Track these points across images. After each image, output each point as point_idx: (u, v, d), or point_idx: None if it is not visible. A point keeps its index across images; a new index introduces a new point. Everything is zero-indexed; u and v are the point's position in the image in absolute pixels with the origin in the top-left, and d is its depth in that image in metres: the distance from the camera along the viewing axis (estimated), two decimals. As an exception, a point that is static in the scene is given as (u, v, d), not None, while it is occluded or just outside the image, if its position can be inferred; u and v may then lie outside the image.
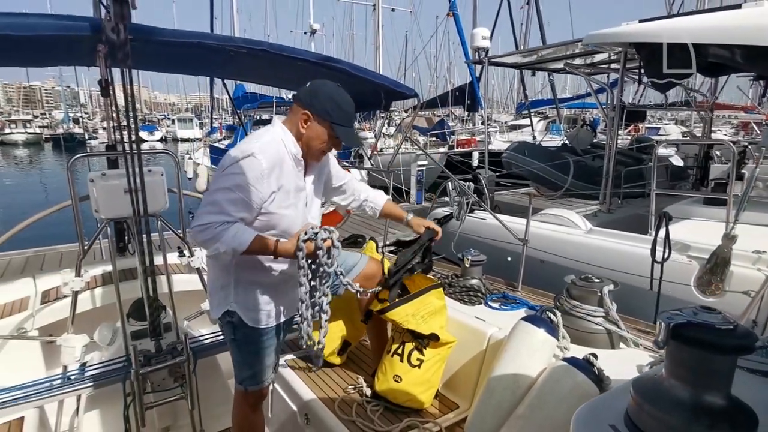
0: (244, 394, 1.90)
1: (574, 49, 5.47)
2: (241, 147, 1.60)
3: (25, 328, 2.79)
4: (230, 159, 1.57)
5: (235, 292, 1.71)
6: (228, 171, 1.55)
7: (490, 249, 3.92)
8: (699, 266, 2.86)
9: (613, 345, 1.93)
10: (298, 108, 1.67)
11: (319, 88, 1.67)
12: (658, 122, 26.16)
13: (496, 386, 1.66)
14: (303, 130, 1.66)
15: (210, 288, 1.83)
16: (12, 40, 2.00)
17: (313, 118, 1.64)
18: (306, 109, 1.65)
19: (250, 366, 1.83)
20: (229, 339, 1.82)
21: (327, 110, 1.65)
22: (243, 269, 1.69)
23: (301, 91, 1.69)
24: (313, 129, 1.66)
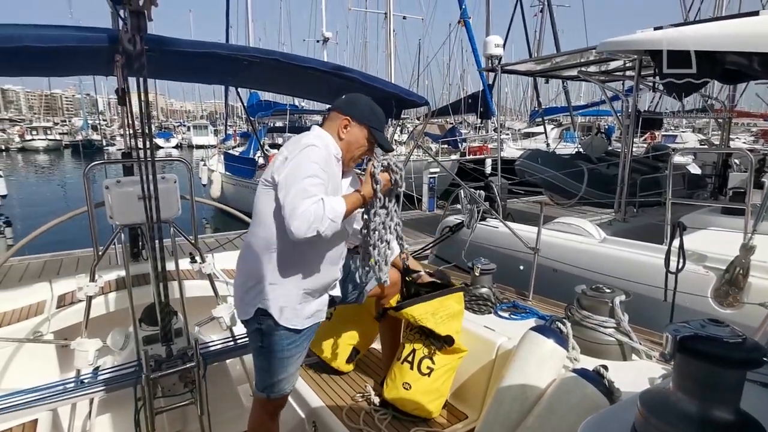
0: (266, 402, 1.88)
1: (589, 57, 5.44)
2: (301, 141, 1.67)
3: (41, 331, 2.85)
4: (296, 151, 1.62)
5: (270, 289, 1.70)
6: (300, 160, 1.60)
7: (502, 257, 3.89)
8: (716, 277, 2.80)
9: (624, 356, 1.90)
10: (337, 115, 1.78)
11: (357, 98, 1.84)
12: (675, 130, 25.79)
13: (505, 397, 1.64)
14: (343, 135, 1.76)
15: (240, 289, 1.79)
16: (34, 51, 2.06)
17: (353, 124, 1.76)
18: (346, 116, 1.76)
19: (275, 374, 1.82)
20: (256, 347, 1.80)
21: (366, 116, 1.77)
22: (277, 270, 1.69)
23: (339, 101, 1.83)
24: (353, 134, 1.77)
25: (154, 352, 2.35)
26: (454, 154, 15.30)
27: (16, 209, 14.73)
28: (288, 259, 1.69)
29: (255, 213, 1.73)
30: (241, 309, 1.80)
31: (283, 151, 1.68)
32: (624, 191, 4.84)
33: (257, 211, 1.72)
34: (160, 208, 2.06)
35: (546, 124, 16.47)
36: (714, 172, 6.41)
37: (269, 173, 1.67)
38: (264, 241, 1.69)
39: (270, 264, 1.69)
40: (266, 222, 1.68)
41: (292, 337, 1.77)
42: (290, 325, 1.74)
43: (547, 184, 7.43)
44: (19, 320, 2.85)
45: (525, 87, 35.17)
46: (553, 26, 15.95)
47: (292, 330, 1.75)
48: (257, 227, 1.72)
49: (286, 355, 1.79)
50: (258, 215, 1.72)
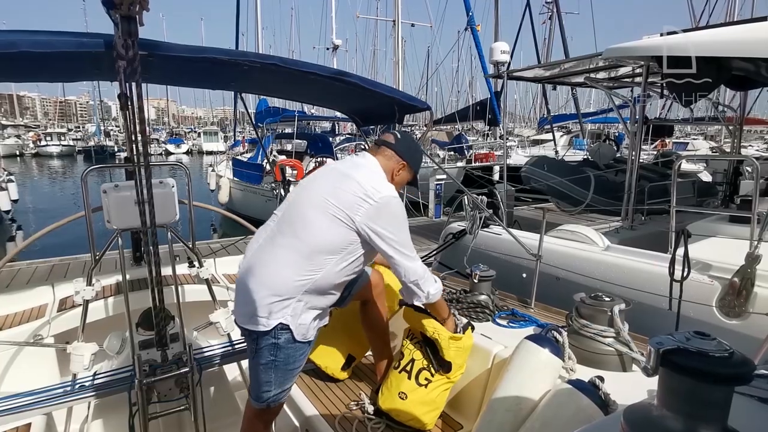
0: (264, 412, 1.88)
1: (596, 63, 5.39)
2: (382, 186, 1.75)
3: (41, 334, 2.86)
4: (384, 201, 1.71)
5: (294, 307, 1.70)
6: (403, 214, 1.77)
7: (505, 265, 3.84)
8: (721, 286, 2.73)
9: (624, 367, 1.84)
10: (395, 156, 1.88)
11: (414, 144, 1.96)
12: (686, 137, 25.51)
13: (498, 407, 1.60)
14: (396, 176, 1.89)
15: (257, 300, 1.71)
16: (31, 57, 2.07)
17: (406, 169, 1.90)
18: (405, 161, 1.89)
19: (281, 384, 1.82)
20: (267, 360, 1.75)
21: (417, 162, 1.94)
22: (311, 293, 1.71)
23: (400, 144, 1.90)
24: (403, 177, 1.91)
25: (150, 357, 2.35)
26: (460, 161, 15.26)
27: (28, 213, 14.98)
28: (327, 284, 1.73)
29: (312, 234, 1.68)
30: (251, 320, 1.71)
31: (357, 190, 1.69)
32: (632, 198, 4.77)
33: (320, 234, 1.68)
34: (155, 213, 2.06)
35: (555, 131, 16.36)
36: (725, 179, 6.30)
37: (344, 204, 1.68)
38: (312, 262, 1.67)
39: (308, 285, 1.69)
40: (329, 249, 1.69)
41: (303, 348, 1.79)
42: (305, 339, 1.76)
43: (553, 191, 7.37)
44: (20, 323, 2.87)
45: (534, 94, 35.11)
46: (562, 33, 15.90)
47: (307, 342, 1.78)
48: (311, 249, 1.68)
49: (297, 366, 1.81)
50: (320, 240, 1.68)
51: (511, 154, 15.73)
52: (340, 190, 1.69)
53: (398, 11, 17.76)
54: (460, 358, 1.99)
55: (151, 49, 2.24)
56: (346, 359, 2.40)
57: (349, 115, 4.47)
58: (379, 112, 3.99)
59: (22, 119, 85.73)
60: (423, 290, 1.80)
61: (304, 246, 1.67)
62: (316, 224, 1.68)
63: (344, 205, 1.67)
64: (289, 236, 1.71)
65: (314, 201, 1.72)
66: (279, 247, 1.72)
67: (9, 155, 36.81)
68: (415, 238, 7.82)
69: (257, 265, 1.75)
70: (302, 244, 1.68)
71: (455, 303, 2.58)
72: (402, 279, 1.80)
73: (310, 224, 1.68)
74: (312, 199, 1.73)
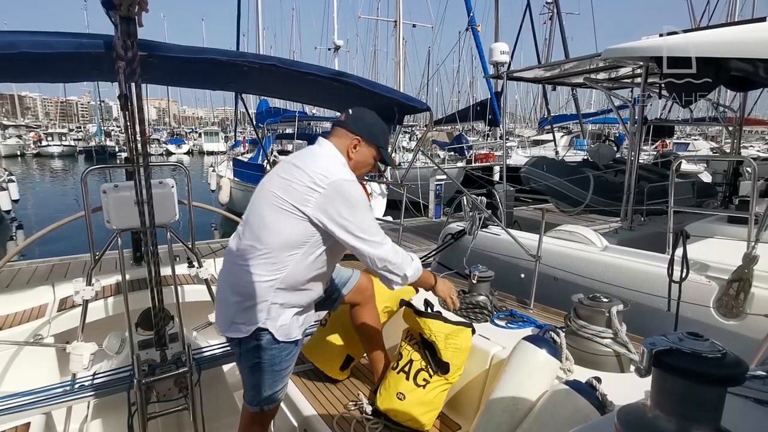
0: (260, 415, 1.85)
1: (596, 64, 5.39)
2: (332, 171, 1.63)
3: (41, 334, 2.86)
4: (334, 186, 1.60)
5: (269, 309, 1.66)
6: (357, 195, 1.63)
7: (504, 265, 3.84)
8: (718, 287, 2.73)
9: (622, 368, 1.85)
10: (347, 133, 1.76)
11: (367, 116, 1.81)
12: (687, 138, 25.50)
13: (496, 408, 1.60)
14: (352, 154, 1.75)
15: (232, 307, 1.70)
16: (31, 57, 2.08)
17: (363, 144, 1.76)
18: (357, 135, 1.75)
19: (271, 387, 1.79)
20: (252, 363, 1.73)
21: (375, 135, 1.78)
22: (283, 290, 1.67)
23: (349, 119, 1.79)
24: (362, 153, 1.77)
25: (149, 357, 2.35)
26: (460, 161, 15.27)
27: (28, 213, 15.00)
28: (297, 280, 1.67)
29: (269, 232, 1.63)
30: (231, 327, 1.70)
31: (304, 180, 1.60)
32: (630, 199, 4.77)
33: (275, 233, 1.62)
34: (155, 213, 2.06)
35: (555, 131, 16.36)
36: (724, 180, 6.30)
37: (292, 197, 1.60)
38: (275, 262, 1.62)
39: (276, 284, 1.64)
40: (289, 246, 1.62)
41: (289, 348, 1.75)
42: (289, 338, 1.72)
43: (552, 192, 7.37)
44: (20, 323, 2.87)
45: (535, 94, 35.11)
46: (563, 33, 15.90)
47: (291, 342, 1.74)
48: (270, 248, 1.62)
49: (284, 366, 1.77)
50: (272, 237, 1.62)
51: (511, 155, 15.74)
52: (289, 184, 1.62)
53: (400, 12, 17.79)
54: (458, 359, 1.99)
55: (150, 49, 2.25)
56: (345, 359, 2.40)
57: (348, 116, 4.48)
58: (378, 112, 4.00)
59: (23, 119, 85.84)
60: (398, 273, 1.70)
61: (264, 246, 1.63)
62: (272, 223, 1.63)
63: (293, 198, 1.59)
64: (250, 238, 1.67)
65: (268, 199, 1.65)
66: (243, 251, 1.68)
67: (10, 155, 36.88)
68: (414, 238, 7.86)
69: (227, 271, 1.76)
70: (262, 245, 1.63)
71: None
72: (372, 268, 1.69)
73: (266, 224, 1.64)
74: (266, 198, 1.67)
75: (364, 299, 2.23)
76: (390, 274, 1.69)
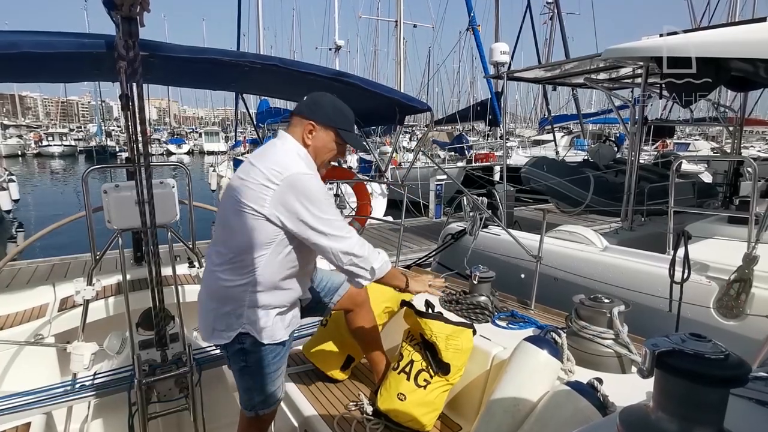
0: (257, 419, 1.82)
1: (597, 64, 5.39)
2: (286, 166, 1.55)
3: (42, 334, 2.86)
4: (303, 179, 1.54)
5: (247, 314, 1.63)
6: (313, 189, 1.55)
7: (504, 265, 3.84)
8: (719, 287, 2.73)
9: (623, 369, 1.84)
10: (300, 120, 1.68)
11: (319, 98, 1.71)
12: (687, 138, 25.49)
13: (496, 409, 1.60)
14: (308, 141, 1.66)
15: (211, 314, 1.69)
16: (33, 57, 2.09)
17: (318, 127, 1.66)
18: (310, 120, 1.66)
19: (263, 390, 1.76)
20: (240, 367, 1.72)
21: (330, 116, 1.67)
22: (258, 293, 1.63)
23: (301, 104, 1.72)
24: (319, 138, 1.67)
25: (150, 357, 2.35)
26: (460, 161, 15.27)
27: (29, 213, 15.00)
28: (270, 281, 1.63)
29: (233, 236, 1.60)
30: (213, 334, 1.68)
31: (259, 178, 1.53)
32: (631, 199, 4.76)
33: (234, 236, 1.59)
34: (156, 213, 2.06)
35: (556, 131, 16.35)
36: (725, 180, 6.30)
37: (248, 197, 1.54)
38: (243, 265, 1.59)
39: (250, 287, 1.61)
40: (254, 247, 1.57)
41: (276, 350, 1.72)
42: (274, 340, 1.68)
43: (552, 192, 7.36)
44: (21, 323, 2.87)
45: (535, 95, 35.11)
46: (563, 34, 15.89)
47: (277, 344, 1.71)
48: (236, 252, 1.59)
49: (273, 369, 1.74)
50: (235, 240, 1.59)
51: (511, 155, 15.73)
52: (245, 184, 1.55)
53: (400, 12, 17.79)
54: (458, 360, 1.99)
55: (152, 50, 2.26)
56: (345, 360, 2.40)
57: (349, 116, 4.49)
58: (379, 113, 4.01)
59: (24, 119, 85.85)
60: (365, 267, 1.62)
61: (229, 251, 1.60)
62: (234, 227, 1.58)
63: (250, 199, 1.53)
64: (218, 243, 1.66)
65: (229, 203, 1.59)
66: (213, 256, 1.67)
67: (11, 155, 36.88)
68: (414, 238, 7.85)
69: (204, 277, 1.74)
70: (228, 249, 1.61)
71: (455, 304, 2.58)
72: (337, 265, 1.62)
73: (230, 228, 1.60)
74: (228, 201, 1.61)
75: (357, 304, 2.18)
76: (356, 268, 1.62)
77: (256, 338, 1.65)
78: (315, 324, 2.83)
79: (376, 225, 8.70)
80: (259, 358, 1.69)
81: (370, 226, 8.46)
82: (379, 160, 7.43)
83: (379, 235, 8.30)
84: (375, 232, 8.42)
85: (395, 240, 7.83)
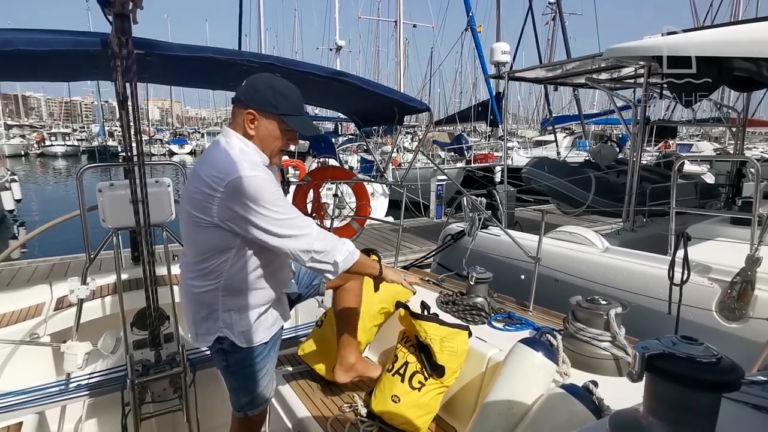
0: (246, 420, 1.81)
1: (598, 64, 5.36)
2: (228, 170, 1.44)
3: (37, 333, 2.85)
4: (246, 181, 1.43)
5: (223, 318, 1.61)
6: (259, 190, 1.44)
7: (503, 266, 3.82)
8: (721, 289, 2.70)
9: (619, 372, 1.82)
10: (239, 110, 1.54)
11: (255, 82, 1.54)
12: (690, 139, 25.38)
13: (490, 412, 1.58)
14: (251, 131, 1.53)
15: (192, 320, 1.68)
16: (27, 55, 2.07)
17: (258, 116, 1.52)
18: (249, 108, 1.51)
19: (249, 391, 1.74)
20: (222, 367, 1.71)
21: (270, 102, 1.51)
22: (230, 296, 1.60)
23: (239, 91, 1.55)
24: (262, 127, 1.53)
25: (144, 357, 2.34)
26: (460, 161, 15.25)
27: (31, 213, 15.04)
28: (240, 283, 1.59)
29: (193, 245, 1.58)
30: (198, 338, 1.68)
31: (201, 186, 1.45)
32: (632, 200, 4.73)
33: (195, 244, 1.57)
34: (150, 212, 2.05)
35: (557, 132, 16.31)
36: (727, 181, 6.26)
37: (196, 207, 1.48)
38: (209, 271, 1.56)
39: (220, 292, 1.58)
40: (214, 253, 1.53)
41: (258, 350, 1.69)
42: (252, 343, 1.65)
43: (553, 193, 7.34)
44: (17, 322, 2.86)
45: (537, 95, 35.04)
46: (564, 34, 15.86)
47: (260, 345, 1.68)
48: (199, 258, 1.56)
49: (257, 369, 1.70)
50: (197, 248, 1.56)
51: (511, 155, 15.69)
52: (192, 195, 1.49)
53: (400, 12, 17.78)
54: (453, 363, 1.97)
55: (147, 48, 2.24)
56: (340, 361, 2.38)
57: (349, 116, 4.48)
58: (378, 113, 3.99)
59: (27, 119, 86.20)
60: (328, 261, 1.53)
61: (194, 258, 1.58)
62: (192, 236, 1.55)
63: (198, 209, 1.47)
64: (185, 253, 1.65)
65: (183, 213, 1.56)
66: (183, 264, 1.67)
67: (14, 155, 37.02)
68: (414, 238, 7.84)
69: (180, 284, 1.73)
70: (192, 258, 1.58)
71: (451, 305, 2.56)
72: (300, 264, 1.55)
73: (189, 237, 1.57)
74: (182, 212, 1.57)
75: (349, 279, 2.10)
76: (319, 264, 1.53)
77: (234, 342, 1.62)
78: (310, 325, 2.81)
79: (375, 225, 8.69)
80: (241, 359, 1.67)
81: (370, 226, 8.45)
82: (379, 160, 7.42)
83: (379, 235, 8.28)
84: (375, 233, 8.41)
85: (395, 240, 7.82)
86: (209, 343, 1.66)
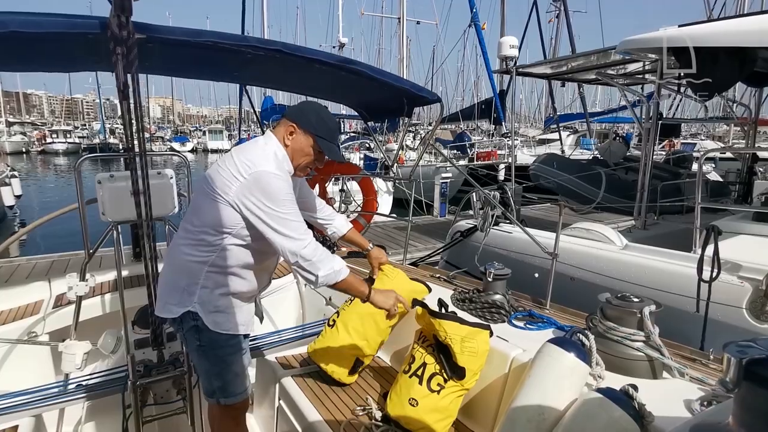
0: (218, 408, 1.84)
1: (607, 59, 5.26)
2: (257, 162, 1.65)
3: (35, 332, 2.75)
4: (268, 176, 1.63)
5: (199, 294, 1.71)
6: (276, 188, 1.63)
7: (516, 264, 3.71)
8: (752, 288, 2.58)
9: (655, 374, 1.70)
10: (285, 121, 1.78)
11: (305, 106, 1.84)
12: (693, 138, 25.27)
13: (519, 418, 1.46)
14: (288, 141, 1.76)
15: (167, 287, 1.77)
16: (21, 38, 1.96)
17: (298, 131, 1.75)
18: (292, 122, 1.75)
19: (219, 375, 1.79)
20: (195, 346, 1.77)
21: (312, 123, 1.75)
22: (215, 273, 1.72)
23: (291, 108, 1.86)
24: (298, 141, 1.76)
25: (146, 357, 2.24)
26: (462, 159, 15.13)
27: (32, 209, 14.95)
28: (228, 264, 1.72)
29: (199, 217, 1.71)
30: (165, 308, 1.76)
31: (231, 168, 1.66)
32: (645, 197, 4.62)
33: (202, 215, 1.70)
34: (152, 204, 1.95)
35: (561, 130, 16.19)
36: (738, 179, 6.16)
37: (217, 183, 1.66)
38: (206, 243, 1.69)
39: (207, 266, 1.70)
40: (216, 228, 1.68)
41: (229, 337, 1.77)
42: (219, 329, 1.74)
43: (563, 189, 7.23)
44: (15, 320, 2.76)
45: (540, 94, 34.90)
46: (569, 31, 15.64)
47: (231, 335, 1.78)
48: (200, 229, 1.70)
49: (229, 353, 1.78)
50: (202, 219, 1.70)
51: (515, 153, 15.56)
52: (218, 171, 1.69)
53: (403, 8, 17.65)
54: (474, 364, 1.86)
55: (149, 32, 2.12)
56: (353, 364, 2.26)
57: (356, 109, 4.35)
58: (387, 104, 3.87)
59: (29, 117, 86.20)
60: (311, 272, 1.68)
61: (194, 228, 1.71)
62: (201, 207, 1.71)
63: (217, 184, 1.66)
64: (186, 221, 1.77)
65: (201, 187, 1.73)
66: (181, 230, 1.78)
67: (15, 152, 36.96)
68: (419, 236, 7.72)
69: (168, 250, 1.85)
70: (193, 226, 1.72)
71: (468, 303, 2.45)
72: (286, 261, 1.70)
73: (198, 209, 1.73)
74: (202, 184, 1.74)
75: None
76: (301, 270, 1.69)
77: (204, 322, 1.71)
78: (318, 324, 2.70)
79: (381, 223, 8.58)
80: (214, 339, 1.74)
81: (375, 224, 8.33)
82: (386, 157, 7.33)
83: (384, 233, 8.17)
84: (380, 230, 8.30)
85: (400, 238, 7.70)
86: (175, 315, 1.72)
